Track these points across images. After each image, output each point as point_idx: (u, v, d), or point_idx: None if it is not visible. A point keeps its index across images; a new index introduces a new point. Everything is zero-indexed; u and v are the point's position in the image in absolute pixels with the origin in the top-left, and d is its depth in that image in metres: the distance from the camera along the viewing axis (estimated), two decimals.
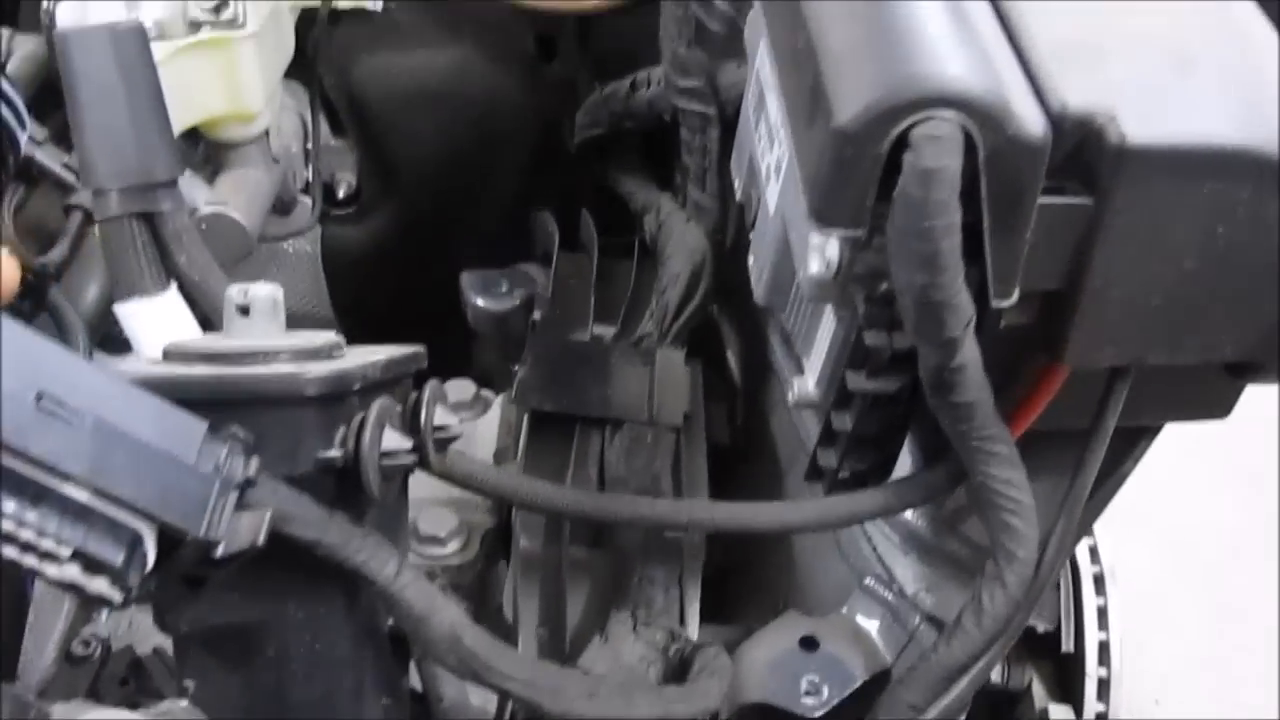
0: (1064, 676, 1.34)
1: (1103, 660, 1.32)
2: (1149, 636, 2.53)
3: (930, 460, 0.87)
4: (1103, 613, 1.33)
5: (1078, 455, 0.83)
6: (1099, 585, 1.35)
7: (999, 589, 0.80)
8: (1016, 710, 1.29)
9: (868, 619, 0.95)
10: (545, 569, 0.92)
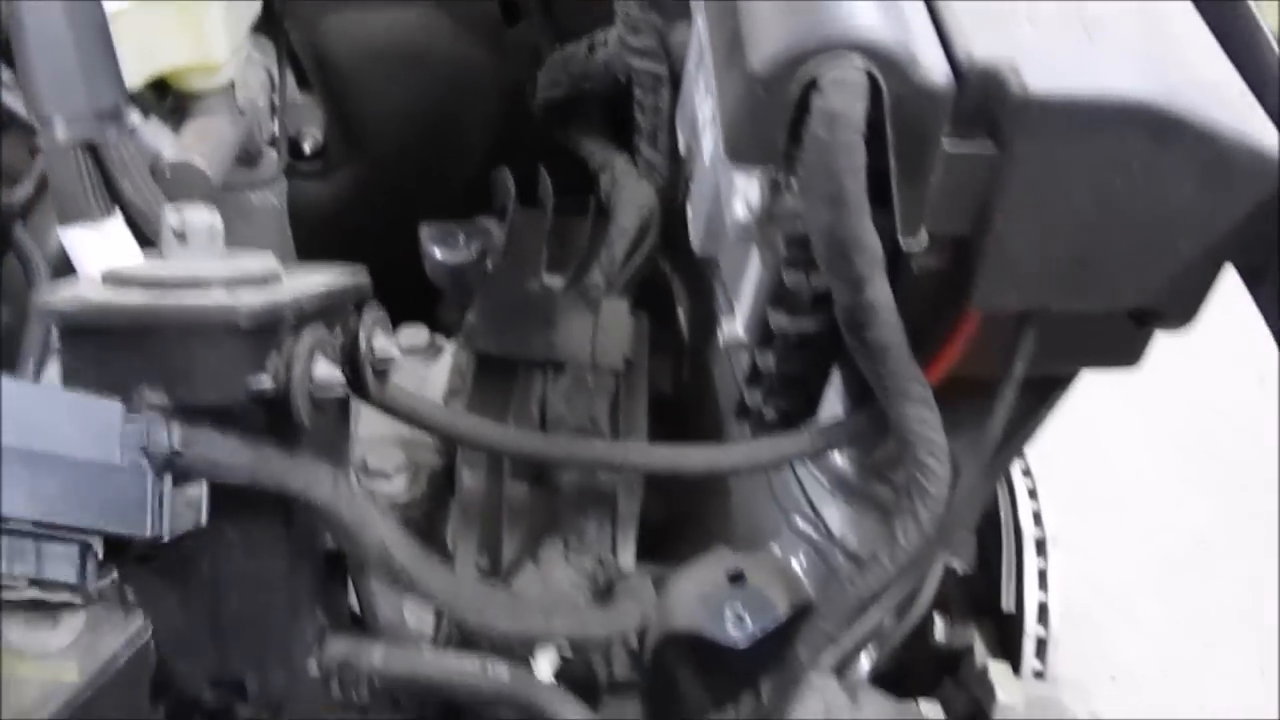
0: (1004, 637, 1.38)
1: (1042, 620, 1.36)
2: (1114, 624, 2.60)
3: (855, 406, 0.91)
4: (1043, 575, 1.38)
5: (990, 401, 0.86)
6: (1040, 549, 1.39)
7: (912, 524, 0.84)
8: (959, 669, 1.33)
9: (794, 556, 0.99)
10: (485, 503, 0.96)
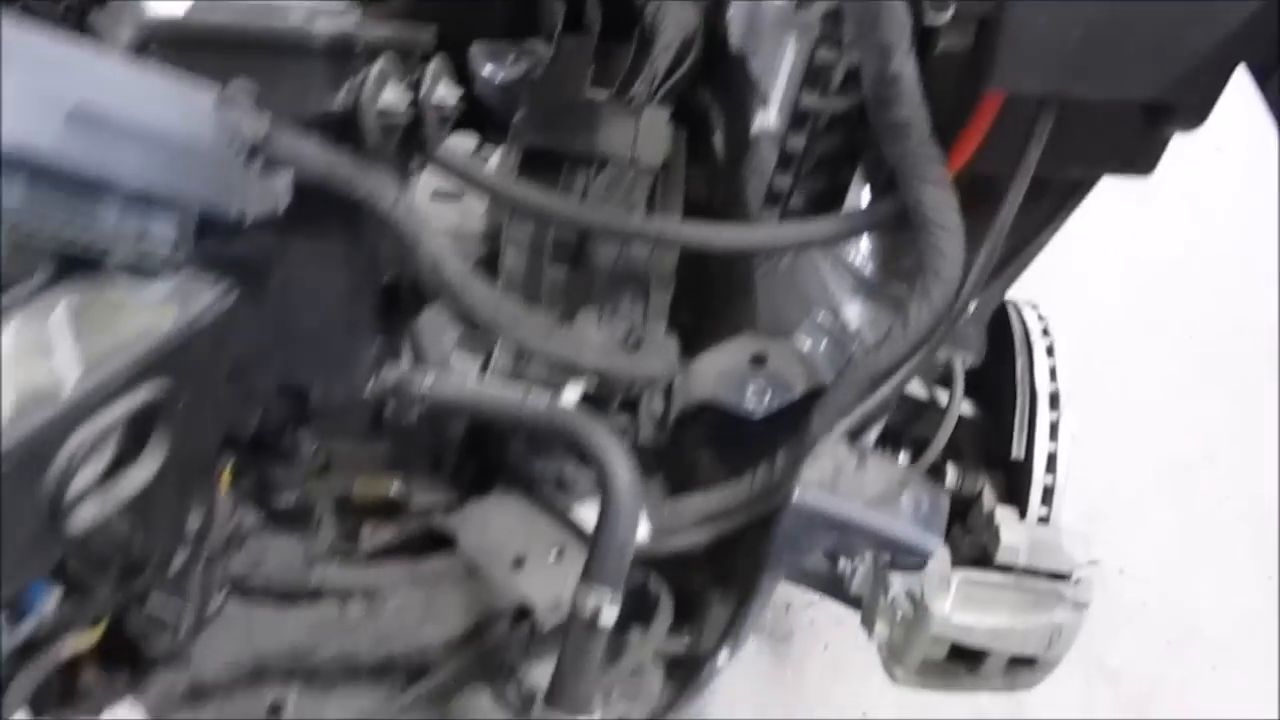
0: (1012, 487, 1.45)
1: (1050, 469, 1.42)
2: (1124, 521, 2.67)
3: (876, 197, 0.97)
4: (1054, 427, 1.43)
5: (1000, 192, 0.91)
6: (1054, 402, 1.45)
7: (925, 303, 0.91)
8: (968, 515, 1.40)
9: (813, 345, 1.05)
10: (527, 282, 1.03)
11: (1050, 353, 1.54)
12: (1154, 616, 2.56)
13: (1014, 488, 1.47)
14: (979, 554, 1.36)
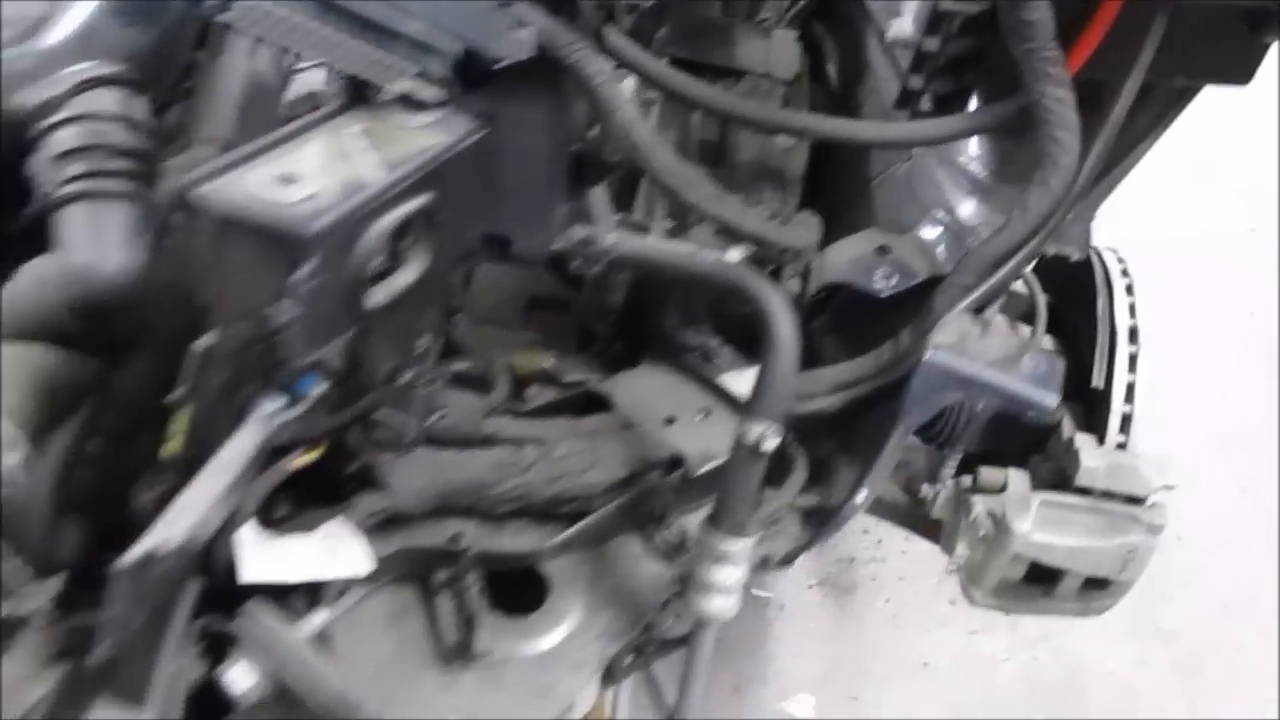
0: (1090, 417, 1.54)
1: (1128, 399, 1.51)
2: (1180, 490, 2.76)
3: (996, 100, 1.07)
4: (1133, 359, 1.52)
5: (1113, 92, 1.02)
6: (1133, 336, 1.53)
7: (1043, 190, 1.01)
8: (1047, 444, 1.49)
9: (933, 238, 1.16)
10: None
11: (1130, 291, 1.64)
12: (1209, 582, 2.65)
13: (1092, 418, 1.56)
14: (1058, 478, 1.46)
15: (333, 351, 0.71)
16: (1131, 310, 1.61)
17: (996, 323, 1.05)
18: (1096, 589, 1.46)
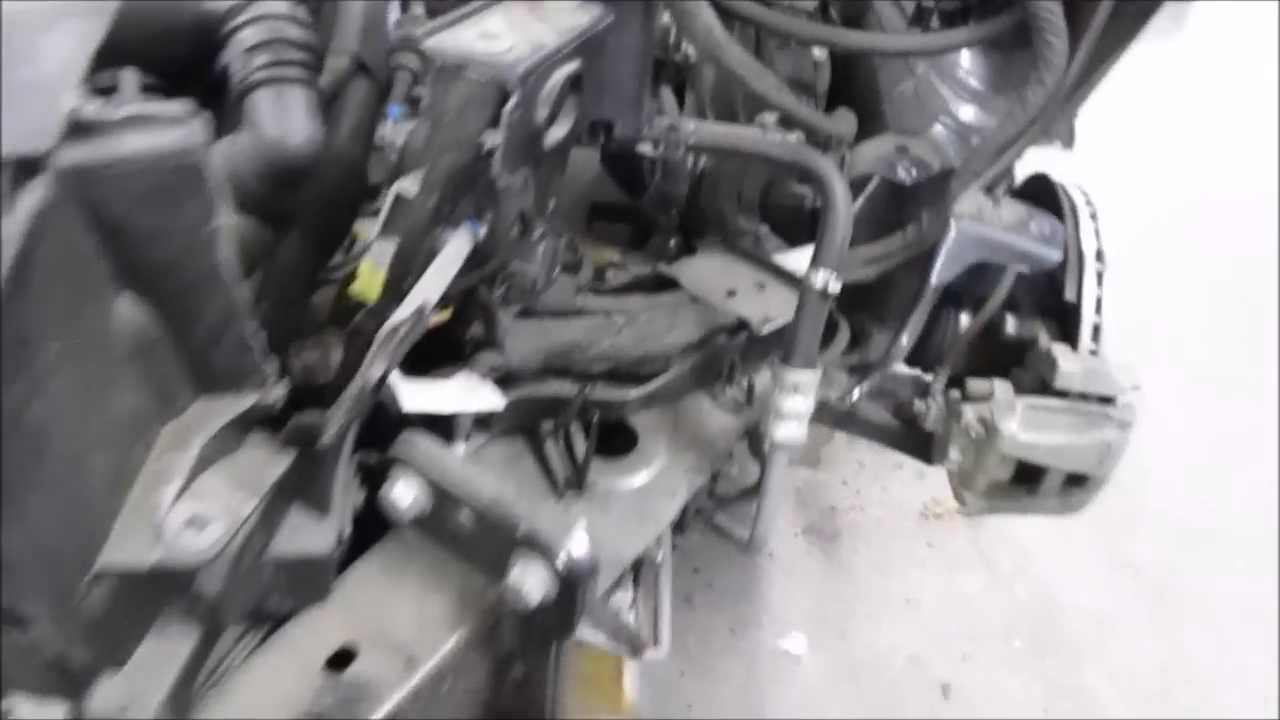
0: (1064, 330, 1.71)
1: (1098, 310, 1.68)
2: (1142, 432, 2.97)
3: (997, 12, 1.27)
4: (1100, 276, 1.69)
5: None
6: (1099, 256, 1.71)
7: (1039, 87, 1.21)
8: (1027, 356, 1.66)
9: (941, 139, 1.35)
10: (716, 88, 1.32)
11: (1094, 218, 1.81)
12: (1170, 518, 2.87)
13: (1065, 331, 1.72)
14: (1038, 385, 1.61)
15: (518, 181, 0.88)
16: (1096, 234, 1.77)
17: (1005, 200, 1.24)
18: (1076, 486, 1.60)
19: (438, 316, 1.09)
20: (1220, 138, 4.26)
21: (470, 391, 1.06)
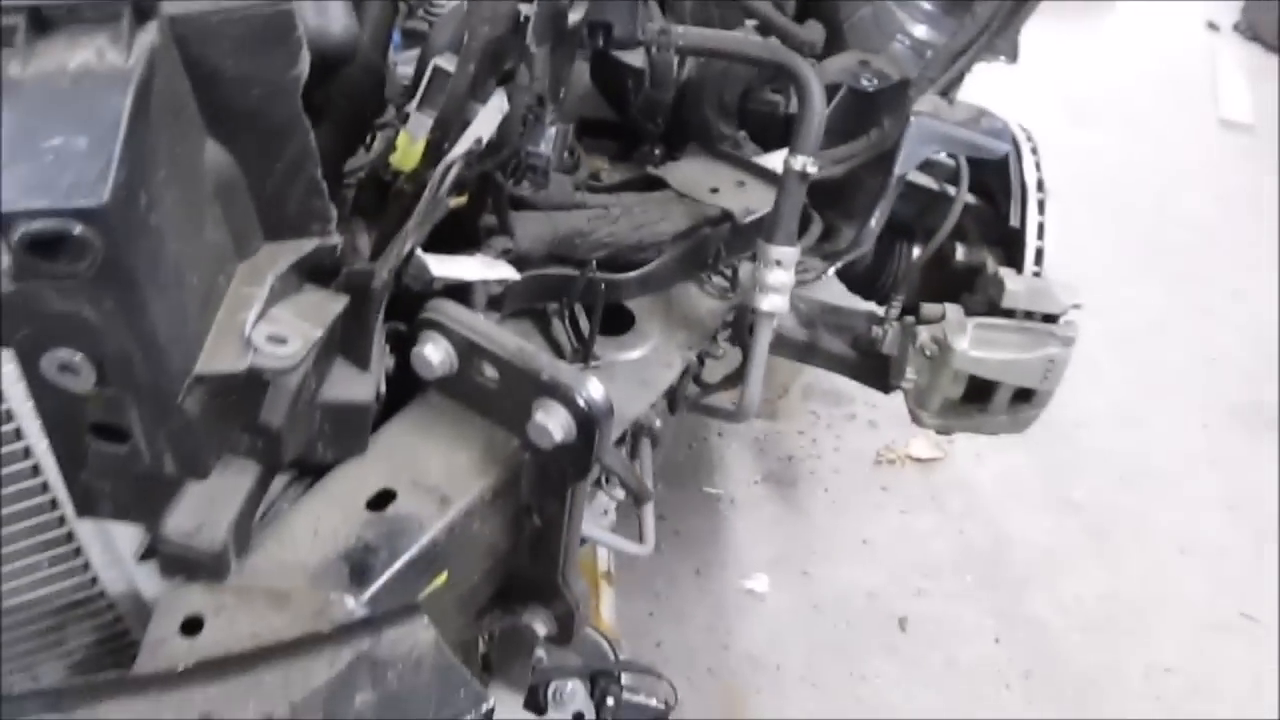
0: (1010, 256, 1.85)
1: (1040, 235, 1.82)
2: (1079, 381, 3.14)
3: None
4: (1042, 203, 1.83)
5: None
6: (1040, 186, 1.84)
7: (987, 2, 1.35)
8: (976, 280, 1.76)
9: (901, 56, 1.50)
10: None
11: (1035, 152, 1.95)
12: (1111, 459, 3.03)
13: (1010, 257, 1.85)
14: (987, 308, 1.74)
15: (541, 59, 1.00)
16: (1037, 166, 1.91)
17: (958, 101, 1.39)
18: (1023, 402, 1.71)
19: (455, 201, 1.21)
20: (1151, 108, 4.50)
21: (488, 266, 1.18)
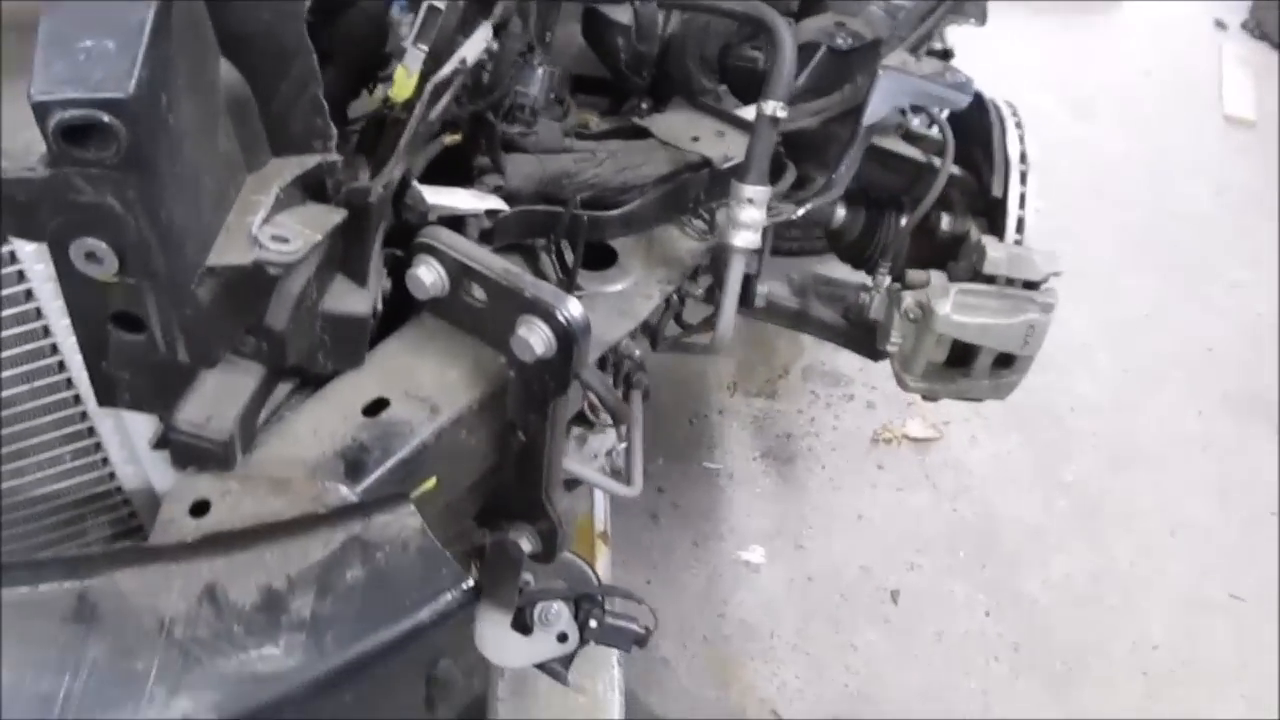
0: (993, 226, 1.92)
1: (1021, 205, 1.87)
2: (1074, 368, 3.22)
3: None
4: (1024, 175, 1.87)
5: None
6: (1023, 158, 1.89)
7: None
8: (960, 249, 1.82)
9: (876, 17, 1.59)
10: None
11: (1019, 126, 1.99)
12: (1101, 443, 3.09)
13: (994, 227, 1.90)
14: (970, 275, 1.80)
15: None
16: (1021, 140, 1.95)
17: (925, 58, 1.48)
18: (1004, 367, 1.76)
19: (450, 138, 1.31)
20: (1155, 103, 4.58)
21: (480, 199, 1.28)
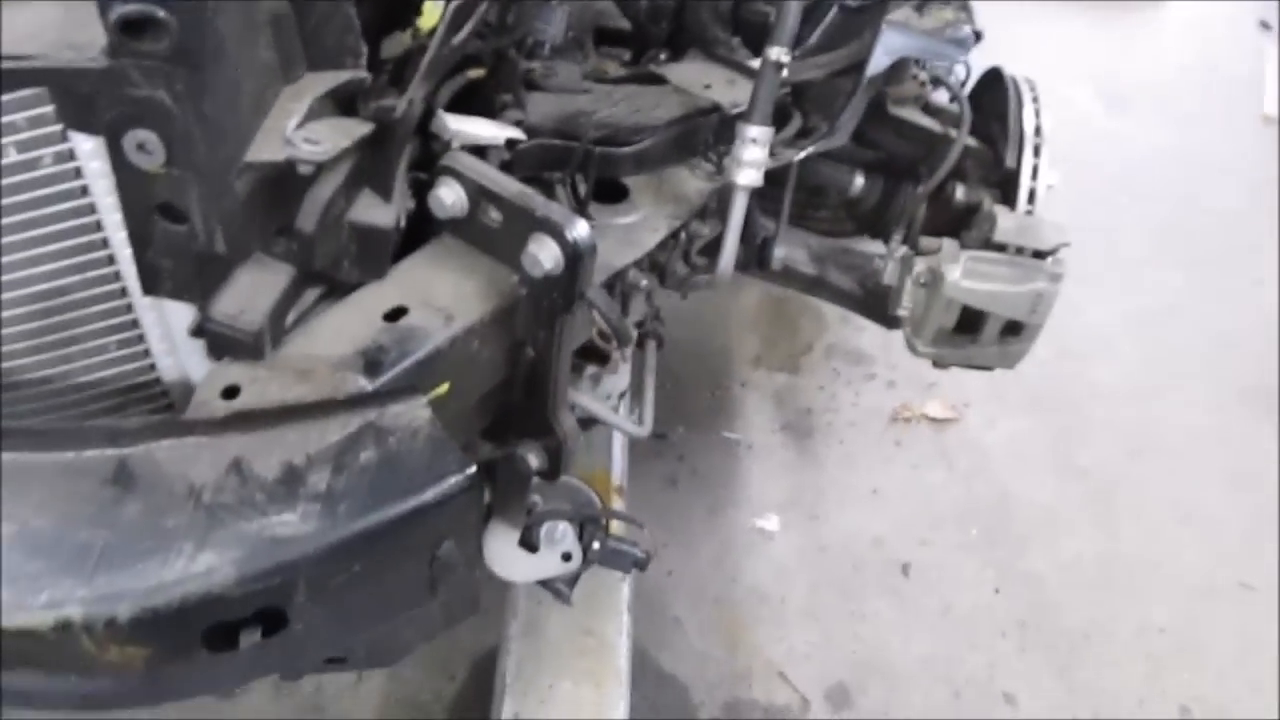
0: (1005, 197, 1.98)
1: (1034, 177, 1.90)
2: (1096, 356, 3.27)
3: None
4: (1037, 148, 1.92)
5: None
6: (1037, 131, 1.93)
7: None
8: (973, 218, 1.88)
9: None
10: None
11: (1035, 100, 2.05)
12: (1118, 430, 3.13)
13: (1008, 198, 1.97)
14: (982, 244, 1.86)
15: None
16: (1037, 114, 1.99)
17: (930, 13, 1.56)
18: (1013, 335, 1.81)
19: (475, 72, 1.41)
20: (1193, 101, 4.61)
21: (500, 128, 1.37)
